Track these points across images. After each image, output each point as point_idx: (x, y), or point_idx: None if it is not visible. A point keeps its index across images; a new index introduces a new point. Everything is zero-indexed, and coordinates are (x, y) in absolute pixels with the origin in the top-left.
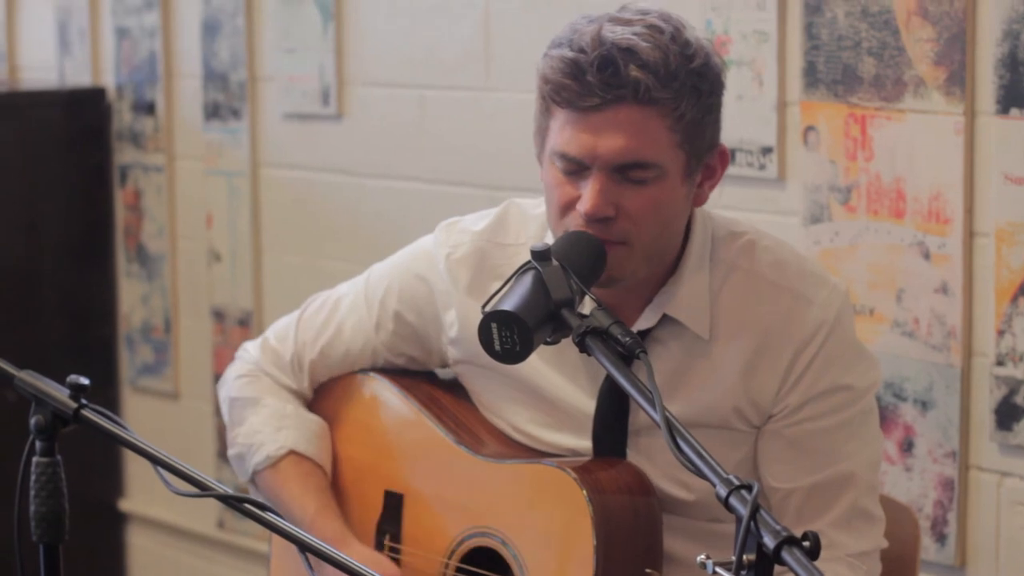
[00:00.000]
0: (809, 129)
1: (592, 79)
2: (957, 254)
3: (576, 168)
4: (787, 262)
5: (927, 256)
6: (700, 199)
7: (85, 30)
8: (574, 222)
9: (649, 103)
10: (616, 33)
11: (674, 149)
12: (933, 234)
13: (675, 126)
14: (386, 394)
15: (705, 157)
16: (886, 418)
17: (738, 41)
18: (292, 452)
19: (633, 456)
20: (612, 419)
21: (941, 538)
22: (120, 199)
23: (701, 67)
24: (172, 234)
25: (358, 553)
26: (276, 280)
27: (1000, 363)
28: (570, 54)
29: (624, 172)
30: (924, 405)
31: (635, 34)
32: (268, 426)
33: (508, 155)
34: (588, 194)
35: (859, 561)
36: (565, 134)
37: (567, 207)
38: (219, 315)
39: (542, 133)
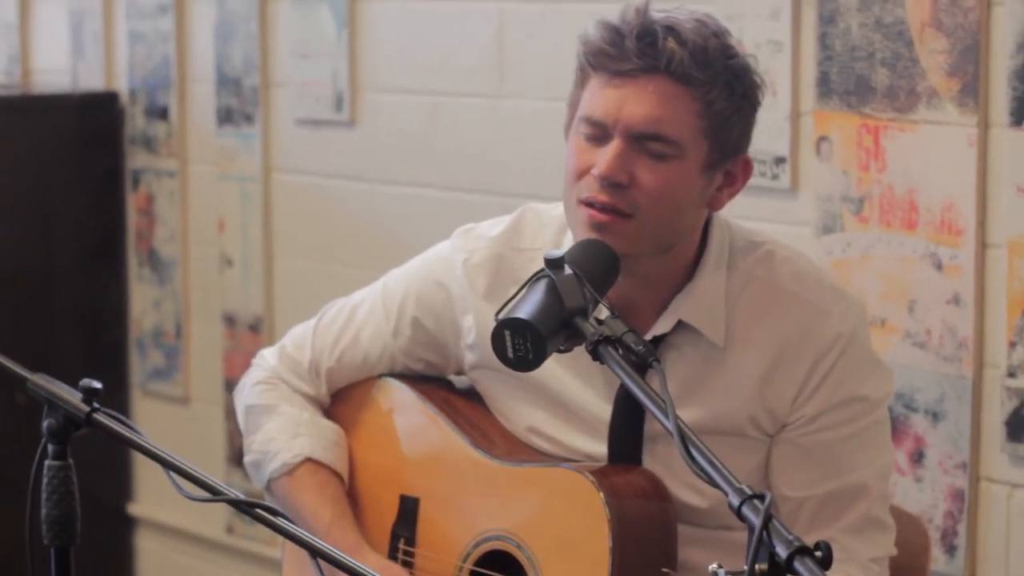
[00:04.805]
0: (822, 139)
1: (630, 45)
2: (969, 265)
3: (599, 134)
4: (806, 273)
5: (939, 267)
6: (716, 204)
7: (99, 34)
8: (587, 187)
9: (682, 80)
10: (661, 13)
11: (698, 135)
12: (945, 245)
13: (704, 112)
14: (403, 399)
15: (729, 157)
16: (897, 429)
17: (752, 51)
18: (309, 460)
19: (649, 463)
20: (628, 425)
21: (951, 549)
22: (132, 203)
23: (739, 68)
24: (184, 239)
25: (372, 564)
26: (287, 286)
27: (1011, 375)
28: (613, 22)
29: (643, 143)
30: (935, 416)
31: (680, 18)
32: (284, 433)
33: (521, 163)
34: (605, 157)
35: (872, 565)
36: (595, 98)
37: (582, 172)
38: (230, 320)
39: (573, 107)
